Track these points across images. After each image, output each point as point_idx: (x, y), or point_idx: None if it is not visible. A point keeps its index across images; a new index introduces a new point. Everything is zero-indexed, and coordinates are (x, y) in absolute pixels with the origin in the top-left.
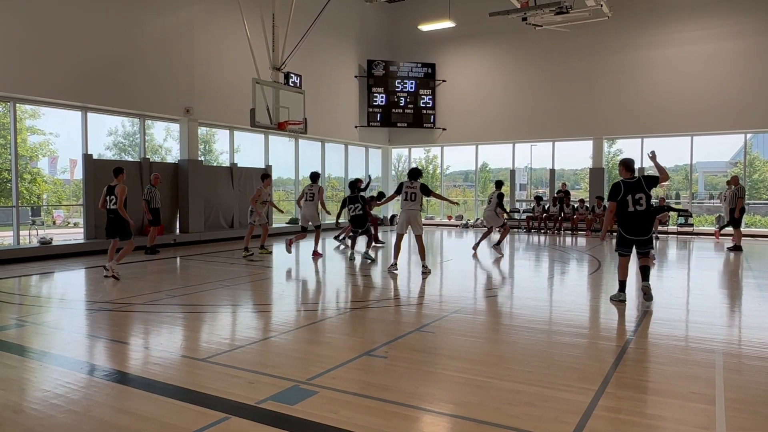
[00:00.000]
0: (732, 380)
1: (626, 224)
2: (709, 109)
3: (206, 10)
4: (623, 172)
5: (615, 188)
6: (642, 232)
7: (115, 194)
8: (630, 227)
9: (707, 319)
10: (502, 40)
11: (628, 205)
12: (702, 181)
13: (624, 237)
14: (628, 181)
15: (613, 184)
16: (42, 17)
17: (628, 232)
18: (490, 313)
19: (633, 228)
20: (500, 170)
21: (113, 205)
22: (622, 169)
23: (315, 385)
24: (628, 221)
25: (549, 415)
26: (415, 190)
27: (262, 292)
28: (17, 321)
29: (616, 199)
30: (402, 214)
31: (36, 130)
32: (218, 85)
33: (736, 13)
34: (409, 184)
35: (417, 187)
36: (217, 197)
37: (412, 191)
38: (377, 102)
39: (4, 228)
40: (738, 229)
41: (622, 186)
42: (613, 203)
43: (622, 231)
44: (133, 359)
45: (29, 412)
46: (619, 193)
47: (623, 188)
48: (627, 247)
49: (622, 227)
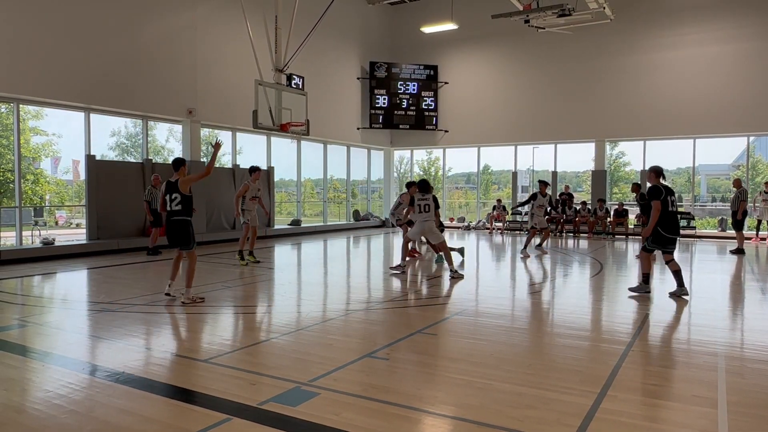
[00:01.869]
0: (734, 383)
1: (667, 224)
2: (712, 111)
3: (209, 11)
4: (653, 179)
5: (657, 190)
6: (678, 231)
7: (179, 191)
8: (670, 226)
9: (709, 322)
10: (504, 43)
11: (669, 205)
12: (704, 184)
13: (663, 235)
14: (665, 184)
15: (653, 187)
16: (46, 18)
17: (668, 230)
18: (491, 315)
19: (672, 227)
20: (502, 172)
21: (176, 206)
22: (652, 175)
23: (316, 387)
24: (669, 221)
25: (550, 417)
26: (428, 201)
27: (263, 293)
28: (19, 321)
29: (659, 198)
30: (417, 225)
31: (39, 131)
32: (221, 87)
33: (738, 16)
34: (422, 197)
35: (429, 199)
36: (219, 198)
37: (426, 203)
38: (379, 104)
39: (7, 228)
40: (740, 232)
41: (662, 188)
42: (659, 202)
43: (661, 230)
44: (134, 360)
45: (31, 413)
46: (662, 194)
47: (663, 190)
48: (660, 245)
49: (662, 226)
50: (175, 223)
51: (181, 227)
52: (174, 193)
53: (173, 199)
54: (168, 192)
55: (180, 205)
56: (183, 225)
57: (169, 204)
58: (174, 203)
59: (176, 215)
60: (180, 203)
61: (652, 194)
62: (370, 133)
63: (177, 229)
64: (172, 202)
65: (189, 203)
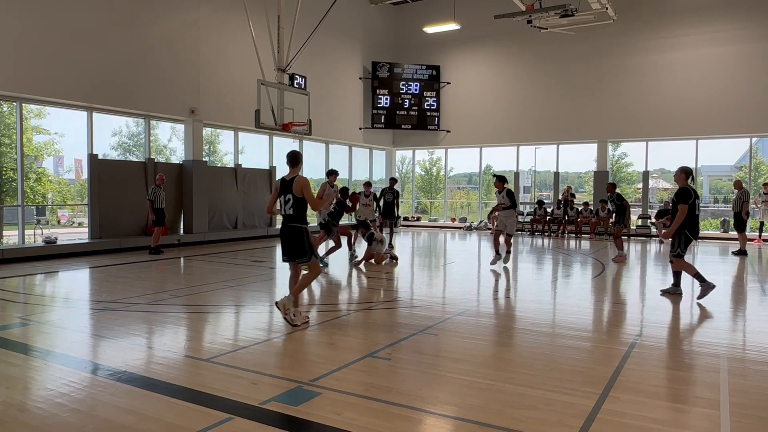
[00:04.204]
0: (737, 385)
1: (693, 226)
2: (715, 112)
3: (212, 11)
4: (683, 180)
5: (687, 193)
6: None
7: (293, 192)
8: (695, 229)
9: (712, 323)
10: (506, 43)
11: (696, 208)
12: (707, 185)
13: (689, 238)
14: (692, 186)
15: (684, 189)
16: (49, 18)
17: (694, 233)
18: (493, 315)
19: (697, 230)
20: (504, 173)
21: (289, 209)
22: (682, 176)
23: (318, 386)
24: (695, 224)
25: (552, 418)
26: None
27: (265, 293)
28: (21, 320)
29: (688, 202)
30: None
31: (41, 130)
32: (223, 86)
33: (741, 17)
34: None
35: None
36: (222, 198)
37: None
38: (381, 104)
39: (10, 227)
40: (743, 233)
41: (691, 191)
42: (686, 206)
43: (688, 233)
44: (136, 359)
45: (33, 411)
46: (691, 197)
47: (693, 193)
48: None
49: (688, 229)
50: (289, 230)
51: (296, 235)
52: (288, 194)
53: (286, 201)
54: (282, 192)
55: (293, 209)
56: (297, 233)
57: (282, 207)
58: (288, 206)
59: (290, 221)
60: (293, 206)
61: (681, 197)
62: (372, 133)
63: (290, 237)
64: (285, 205)
65: (303, 208)
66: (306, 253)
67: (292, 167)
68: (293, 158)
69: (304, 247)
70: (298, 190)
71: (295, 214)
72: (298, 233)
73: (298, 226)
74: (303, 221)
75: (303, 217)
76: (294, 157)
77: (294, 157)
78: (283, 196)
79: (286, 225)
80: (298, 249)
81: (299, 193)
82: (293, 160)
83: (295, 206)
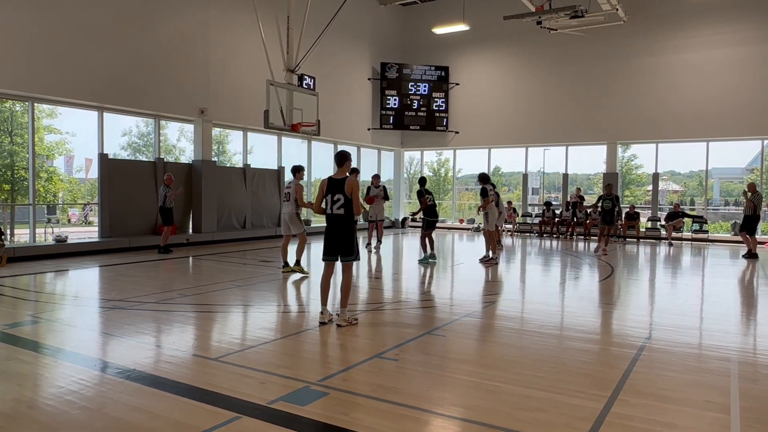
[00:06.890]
0: (747, 389)
1: None
2: (726, 114)
3: (222, 12)
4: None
5: None
6: None
7: (344, 192)
8: None
9: (722, 326)
10: (516, 44)
11: None
12: (717, 188)
13: None
14: None
15: None
16: (61, 19)
17: None
18: (501, 317)
19: None
20: (513, 174)
21: (338, 209)
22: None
23: (326, 387)
24: None
25: (560, 421)
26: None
27: (273, 293)
28: (32, 318)
29: None
30: None
31: (53, 129)
32: (232, 87)
33: (752, 18)
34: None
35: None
36: (230, 198)
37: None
38: (390, 104)
39: (21, 226)
40: (753, 237)
41: None
42: None
43: None
44: (145, 357)
45: (44, 408)
46: None
47: None
48: None
49: None
50: (340, 230)
51: (347, 235)
52: (338, 193)
53: (335, 201)
54: (331, 191)
55: (343, 208)
56: (349, 232)
57: (330, 206)
58: (336, 206)
59: (341, 220)
60: (343, 206)
61: None
62: (381, 133)
63: (341, 236)
64: (333, 204)
65: (352, 207)
66: (353, 252)
67: (340, 167)
68: (342, 157)
69: (353, 247)
70: (349, 190)
71: (346, 214)
72: (349, 233)
73: (349, 226)
74: (353, 221)
75: (353, 216)
76: (343, 157)
77: (342, 156)
78: (331, 195)
79: (337, 225)
80: (348, 248)
81: (350, 193)
82: (342, 159)
83: (346, 206)
